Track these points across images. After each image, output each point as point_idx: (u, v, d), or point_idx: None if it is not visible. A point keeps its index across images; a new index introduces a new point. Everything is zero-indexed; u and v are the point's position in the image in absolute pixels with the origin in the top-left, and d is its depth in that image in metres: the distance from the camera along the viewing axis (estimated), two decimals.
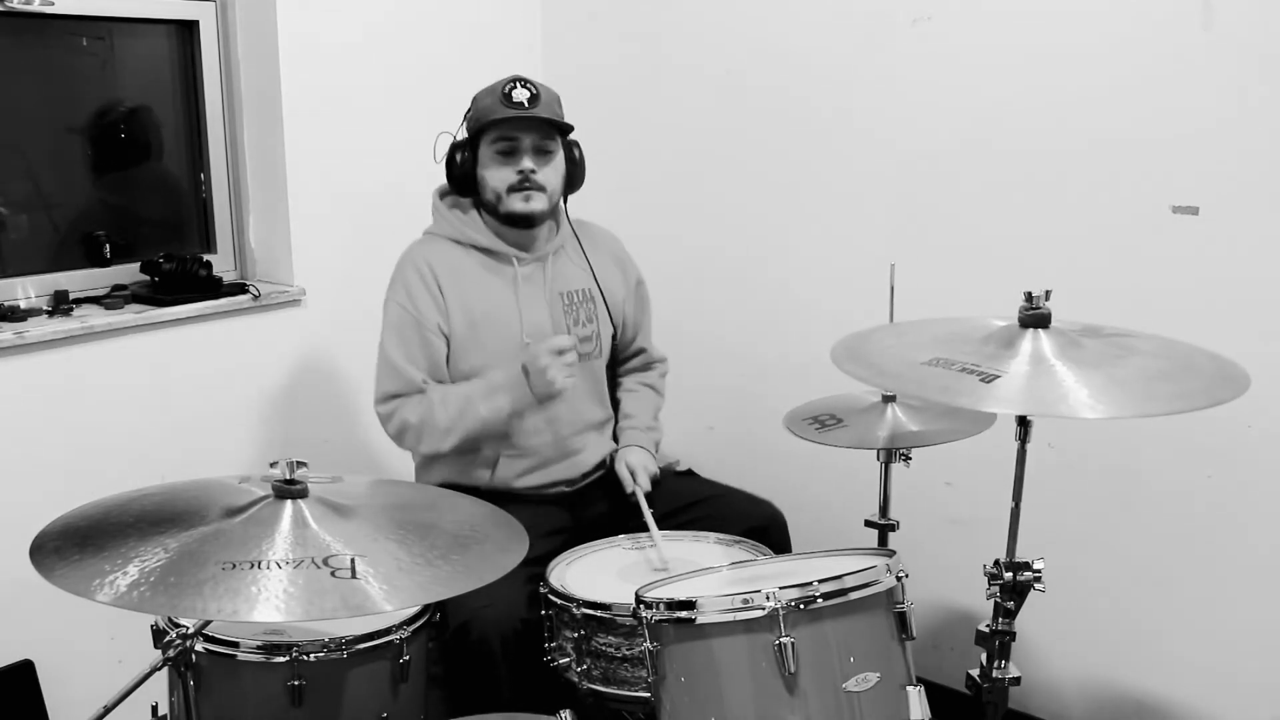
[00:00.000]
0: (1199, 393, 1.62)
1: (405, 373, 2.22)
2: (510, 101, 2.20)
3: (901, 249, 2.54)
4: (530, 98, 2.21)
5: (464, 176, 2.28)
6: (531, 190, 2.23)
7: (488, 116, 2.21)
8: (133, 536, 1.43)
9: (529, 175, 2.22)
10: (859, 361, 1.77)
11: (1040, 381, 1.62)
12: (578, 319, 2.34)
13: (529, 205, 2.24)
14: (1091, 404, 1.57)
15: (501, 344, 2.26)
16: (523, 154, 2.22)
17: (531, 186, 2.23)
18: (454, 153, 2.28)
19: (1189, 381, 1.65)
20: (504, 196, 2.24)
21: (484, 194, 2.27)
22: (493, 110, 2.21)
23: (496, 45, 3.04)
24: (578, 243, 2.38)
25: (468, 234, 2.29)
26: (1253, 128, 2.16)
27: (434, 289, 2.24)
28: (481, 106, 2.24)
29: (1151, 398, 1.62)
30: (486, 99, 2.23)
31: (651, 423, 2.48)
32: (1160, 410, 1.60)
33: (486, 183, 2.26)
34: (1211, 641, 2.37)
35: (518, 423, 2.24)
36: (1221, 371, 1.69)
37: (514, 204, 2.24)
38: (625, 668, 1.89)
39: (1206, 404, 1.59)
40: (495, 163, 2.24)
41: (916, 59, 2.54)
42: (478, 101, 2.26)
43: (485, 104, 2.23)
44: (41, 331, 2.26)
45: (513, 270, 2.29)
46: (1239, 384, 1.64)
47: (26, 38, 2.42)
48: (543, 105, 2.23)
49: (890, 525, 2.21)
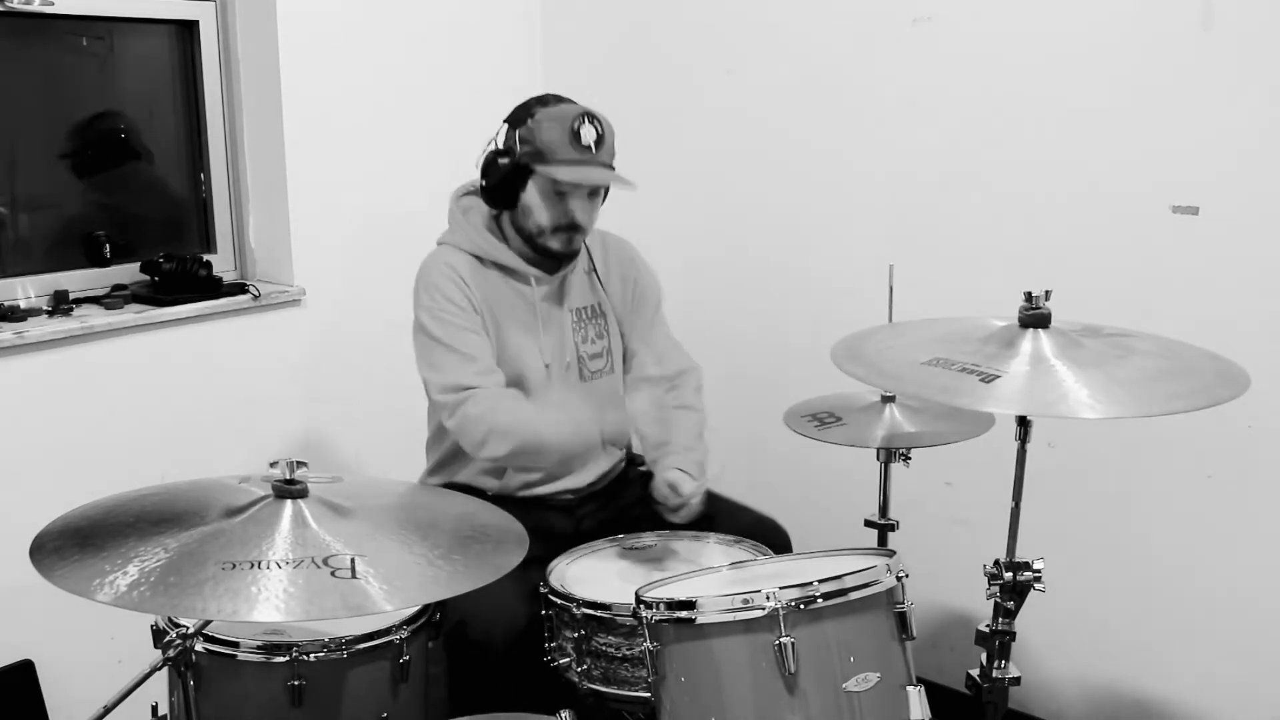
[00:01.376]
0: (1199, 393, 1.62)
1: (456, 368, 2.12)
2: (579, 144, 2.09)
3: (901, 249, 2.54)
4: (597, 140, 2.11)
5: (504, 193, 2.18)
6: (576, 234, 2.19)
7: (553, 156, 2.10)
8: (133, 536, 1.43)
9: (578, 221, 2.17)
10: (859, 362, 1.77)
11: (1040, 382, 1.62)
12: (586, 336, 2.30)
13: (571, 247, 2.20)
14: (1091, 404, 1.57)
15: (521, 365, 2.21)
16: (578, 199, 2.15)
17: (577, 230, 2.18)
18: (495, 161, 2.16)
19: (1189, 381, 1.66)
20: (547, 233, 2.17)
21: (524, 221, 2.19)
22: (559, 149, 2.10)
23: (497, 45, 3.04)
24: (589, 257, 2.34)
25: (488, 251, 2.22)
26: (1253, 128, 2.16)
27: (469, 294, 2.17)
28: (546, 140, 2.10)
29: (1152, 398, 1.62)
30: (552, 130, 2.10)
31: (692, 442, 2.26)
32: (1160, 410, 1.60)
33: (530, 213, 2.17)
34: (1211, 641, 2.37)
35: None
36: (1221, 371, 1.69)
37: (556, 243, 2.18)
38: (625, 668, 1.89)
39: (1206, 404, 1.59)
40: (546, 199, 2.14)
41: (916, 59, 2.54)
42: (540, 128, 2.11)
43: (551, 138, 2.10)
44: (41, 331, 2.26)
45: (531, 290, 2.24)
46: (1239, 384, 1.64)
47: (26, 38, 2.42)
48: (605, 149, 2.14)
49: (890, 525, 2.21)
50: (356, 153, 2.77)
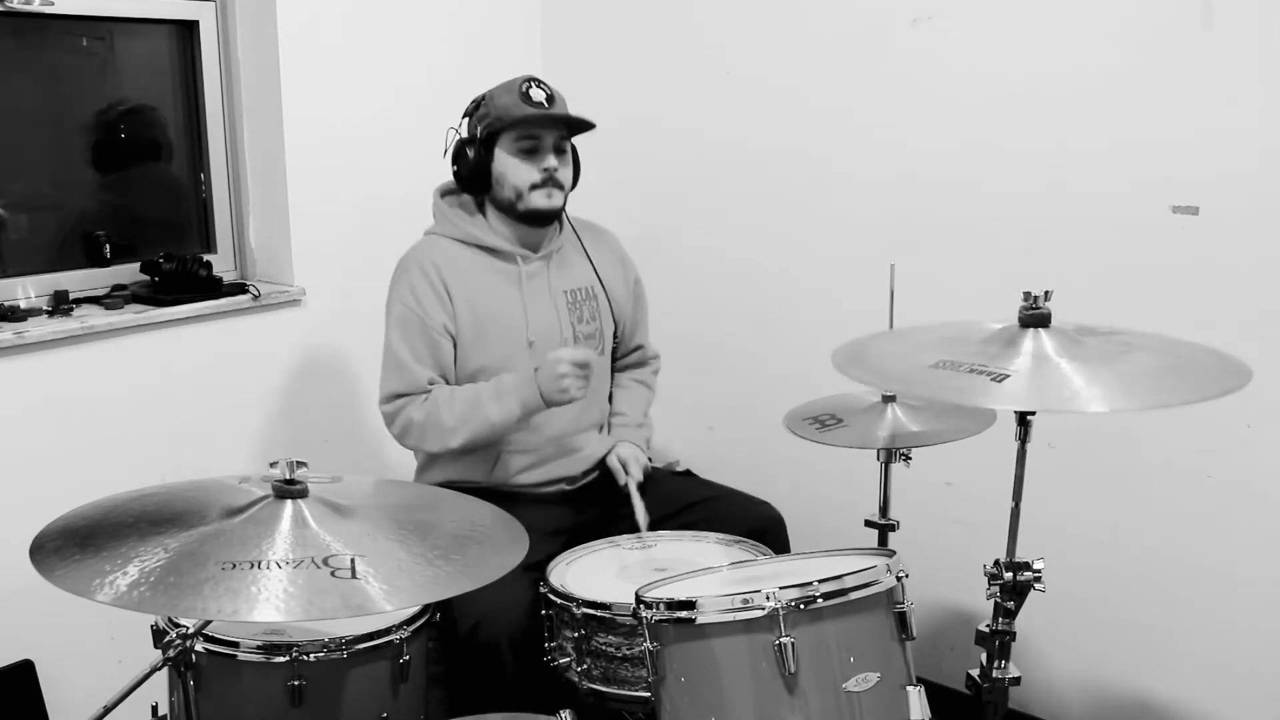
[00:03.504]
0: (1208, 384, 1.62)
1: (411, 371, 2.21)
2: (530, 100, 2.21)
3: (901, 249, 2.54)
4: (548, 97, 2.24)
5: (476, 174, 2.26)
6: (554, 188, 2.26)
7: (510, 114, 2.21)
8: (133, 536, 1.43)
9: (553, 173, 2.24)
10: (864, 367, 1.76)
11: (1051, 378, 1.62)
12: (581, 317, 2.35)
13: (551, 201, 2.26)
14: (1106, 397, 1.57)
15: (507, 343, 2.26)
16: (546, 152, 2.24)
17: (554, 184, 2.25)
18: (462, 149, 2.27)
19: (1194, 374, 1.66)
20: (525, 194, 2.24)
21: (501, 192, 2.26)
22: (514, 109, 2.21)
23: (496, 45, 3.04)
24: (579, 240, 2.39)
25: (471, 233, 2.29)
26: (1253, 128, 2.16)
27: (440, 289, 2.24)
28: (500, 105, 2.23)
29: (1163, 390, 1.62)
30: (504, 98, 2.23)
31: (642, 419, 2.50)
32: (1177, 400, 1.61)
33: (506, 180, 2.25)
34: (1211, 641, 2.37)
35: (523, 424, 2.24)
36: (1221, 365, 1.69)
37: (537, 201, 2.25)
38: (625, 667, 1.89)
39: (1219, 393, 1.59)
40: (518, 160, 2.23)
41: (916, 59, 2.54)
42: (494, 100, 2.25)
43: (504, 102, 2.23)
44: (41, 331, 2.26)
45: (517, 269, 2.29)
46: (1242, 374, 1.64)
47: (26, 38, 2.42)
48: (559, 104, 2.27)
49: (890, 525, 2.21)
50: (357, 153, 2.77)
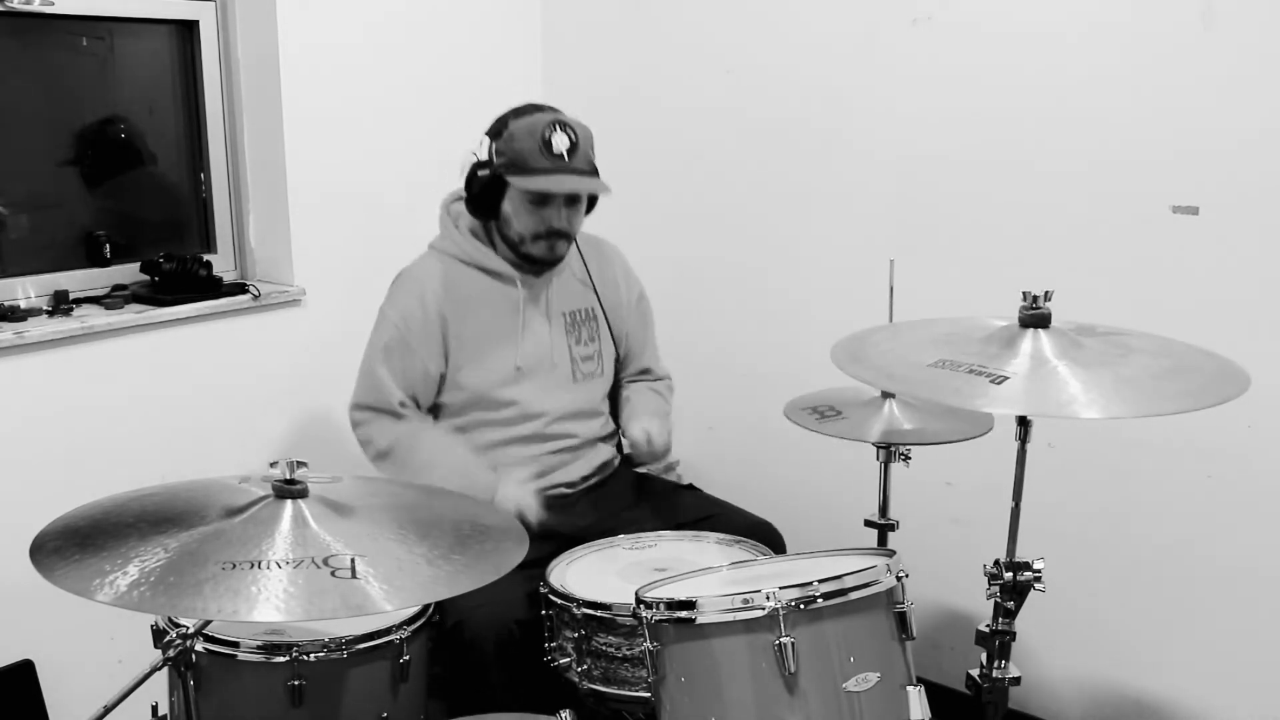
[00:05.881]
0: (1207, 390, 1.61)
1: (384, 389, 2.21)
2: (550, 152, 2.10)
3: (901, 249, 2.53)
4: (570, 148, 2.12)
5: (486, 205, 2.21)
6: (558, 239, 2.21)
7: (525, 166, 2.12)
8: (133, 536, 1.43)
9: (559, 230, 2.19)
10: (863, 364, 1.76)
11: (1049, 382, 1.61)
12: (580, 338, 2.33)
13: (554, 253, 2.23)
14: (1102, 403, 1.56)
15: (496, 371, 2.25)
16: (556, 207, 2.17)
17: (559, 237, 2.21)
18: (476, 172, 2.19)
19: (1193, 379, 1.65)
20: (528, 241, 2.20)
21: (506, 229, 2.22)
22: (531, 158, 2.11)
23: (496, 47, 3.04)
24: (581, 260, 2.36)
25: (474, 257, 2.26)
26: (1253, 128, 2.16)
27: (434, 327, 2.21)
28: (518, 149, 2.13)
29: (1160, 397, 1.62)
30: (525, 140, 2.12)
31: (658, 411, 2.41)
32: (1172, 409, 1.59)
33: (511, 223, 2.20)
34: (1211, 642, 2.37)
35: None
36: (1220, 369, 1.69)
37: (538, 250, 2.21)
38: (625, 668, 1.89)
39: (1216, 401, 1.58)
40: (525, 209, 2.17)
41: (916, 59, 2.54)
42: (514, 139, 2.14)
43: (523, 147, 2.12)
44: (41, 331, 2.26)
45: (516, 293, 2.27)
46: (1240, 381, 1.64)
47: (26, 38, 2.42)
48: (580, 155, 2.14)
49: (890, 525, 2.21)
50: (357, 153, 2.77)
